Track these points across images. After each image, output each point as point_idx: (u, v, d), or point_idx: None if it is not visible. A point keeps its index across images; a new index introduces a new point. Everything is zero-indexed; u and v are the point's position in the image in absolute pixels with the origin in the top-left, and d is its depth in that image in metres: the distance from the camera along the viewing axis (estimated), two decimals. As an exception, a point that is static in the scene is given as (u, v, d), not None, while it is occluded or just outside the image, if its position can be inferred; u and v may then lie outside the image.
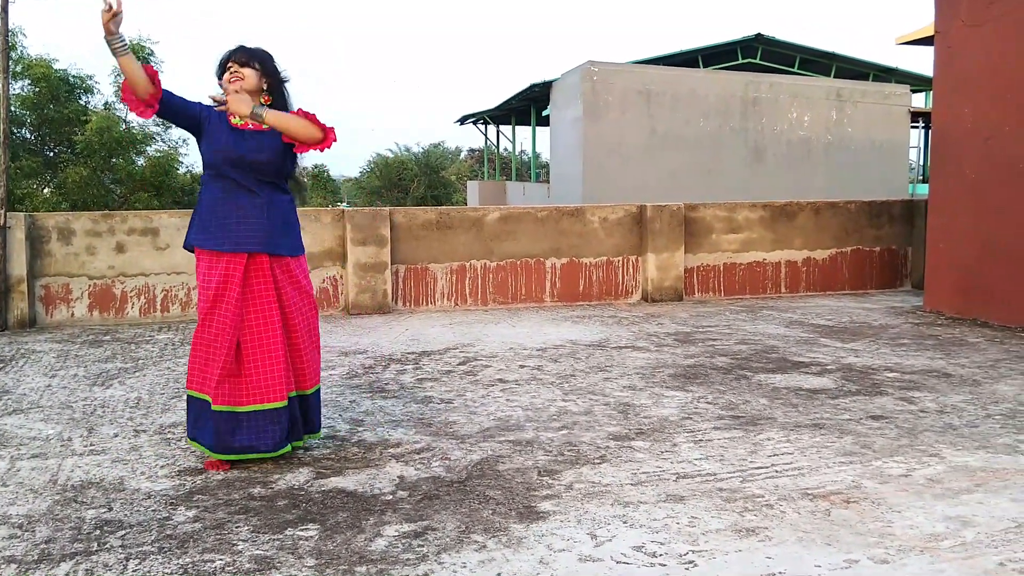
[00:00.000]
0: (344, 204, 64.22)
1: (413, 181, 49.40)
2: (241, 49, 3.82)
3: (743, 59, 23.22)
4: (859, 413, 4.56)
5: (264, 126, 3.75)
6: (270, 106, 3.80)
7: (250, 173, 3.74)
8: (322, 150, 3.84)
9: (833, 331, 7.09)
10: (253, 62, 3.79)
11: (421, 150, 52.53)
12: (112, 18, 3.53)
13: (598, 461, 3.80)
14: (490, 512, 3.21)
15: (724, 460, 3.80)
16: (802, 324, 7.44)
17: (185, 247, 3.85)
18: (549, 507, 3.26)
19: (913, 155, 23.36)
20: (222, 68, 3.82)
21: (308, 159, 3.98)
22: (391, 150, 52.29)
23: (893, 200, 10.15)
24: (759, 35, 22.45)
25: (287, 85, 3.92)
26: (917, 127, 24.42)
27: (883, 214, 9.77)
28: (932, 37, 8.05)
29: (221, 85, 3.82)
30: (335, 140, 3.83)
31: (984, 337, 6.72)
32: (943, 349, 6.27)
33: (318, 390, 3.99)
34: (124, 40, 3.62)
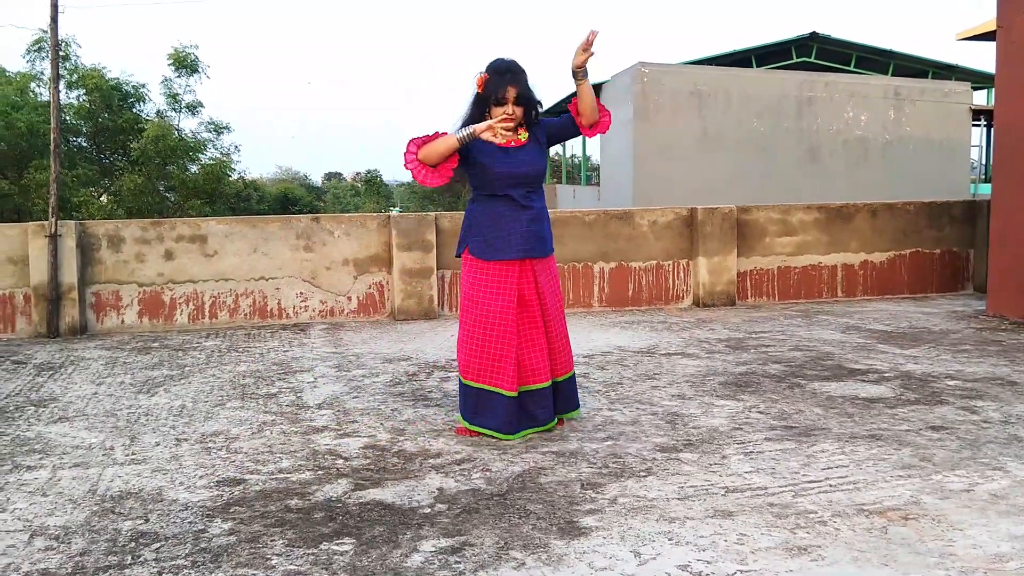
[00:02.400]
0: (397, 208, 64.67)
1: (464, 185, 49.63)
2: (517, 81, 4.01)
3: (797, 58, 22.81)
4: (918, 423, 4.37)
5: (520, 140, 4.11)
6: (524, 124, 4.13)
7: (524, 187, 4.12)
8: (597, 133, 4.23)
9: (891, 337, 6.86)
10: (523, 99, 4.03)
11: (473, 154, 52.77)
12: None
13: (644, 474, 3.67)
14: (530, 527, 3.11)
15: (775, 473, 3.66)
16: (859, 329, 7.22)
17: (459, 255, 4.28)
18: (592, 522, 3.15)
19: (975, 154, 22.74)
20: (496, 96, 3.99)
21: (363, 164, 4.14)
22: None
23: (954, 201, 9.83)
24: (814, 33, 22.03)
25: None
26: (979, 125, 23.76)
27: (943, 215, 9.46)
28: (994, 32, 7.76)
29: (488, 114, 4.03)
30: (610, 124, 4.23)
31: (1052, 343, 6.44)
32: (1007, 356, 6.01)
33: (571, 376, 4.38)
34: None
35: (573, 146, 35.29)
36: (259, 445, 4.17)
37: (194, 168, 22.91)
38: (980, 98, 23.61)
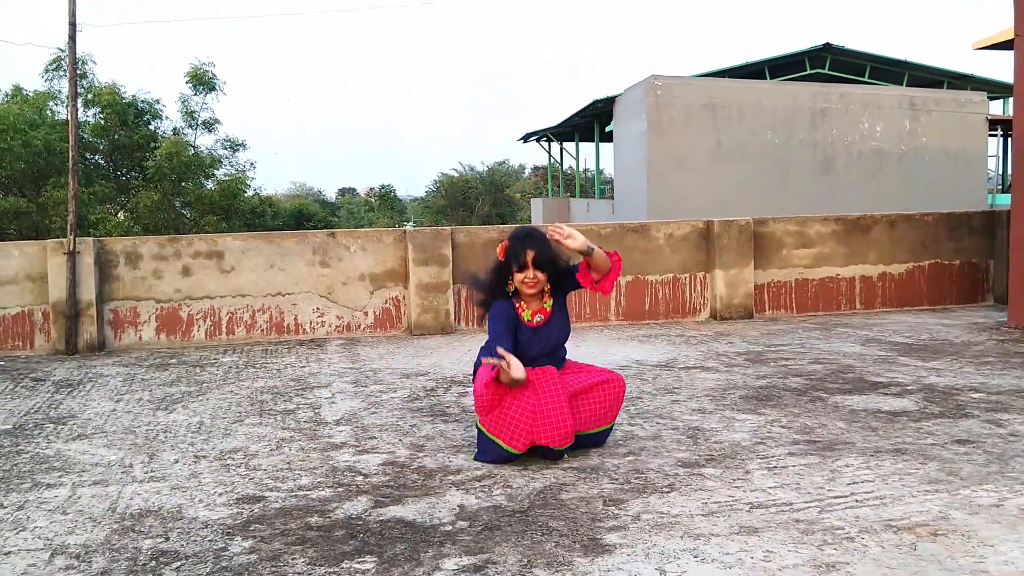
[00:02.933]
0: (410, 223, 64.83)
1: (478, 200, 49.64)
2: (536, 245, 4.10)
3: (811, 69, 22.78)
4: (944, 437, 4.31)
5: (546, 310, 4.25)
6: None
7: (553, 354, 4.28)
8: (600, 291, 4.30)
9: (912, 349, 6.79)
10: (545, 262, 4.11)
11: (486, 168, 52.81)
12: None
13: (667, 490, 3.63)
14: (553, 544, 3.07)
15: (800, 488, 3.61)
16: (879, 342, 7.15)
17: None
18: (615, 539, 3.11)
19: (992, 164, 22.60)
20: (517, 262, 4.09)
21: (377, 180, 4.14)
22: (455, 169, 52.71)
23: (972, 212, 9.76)
24: (827, 44, 21.99)
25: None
26: (995, 135, 23.63)
27: (962, 226, 9.39)
28: (1012, 41, 7.71)
29: (512, 283, 4.17)
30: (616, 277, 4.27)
31: (1076, 354, 6.36)
32: (1032, 367, 5.94)
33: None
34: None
35: (586, 159, 35.36)
36: (278, 462, 4.15)
37: (210, 185, 23.05)
38: (996, 108, 23.50)
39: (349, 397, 5.50)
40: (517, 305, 4.21)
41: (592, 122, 25.23)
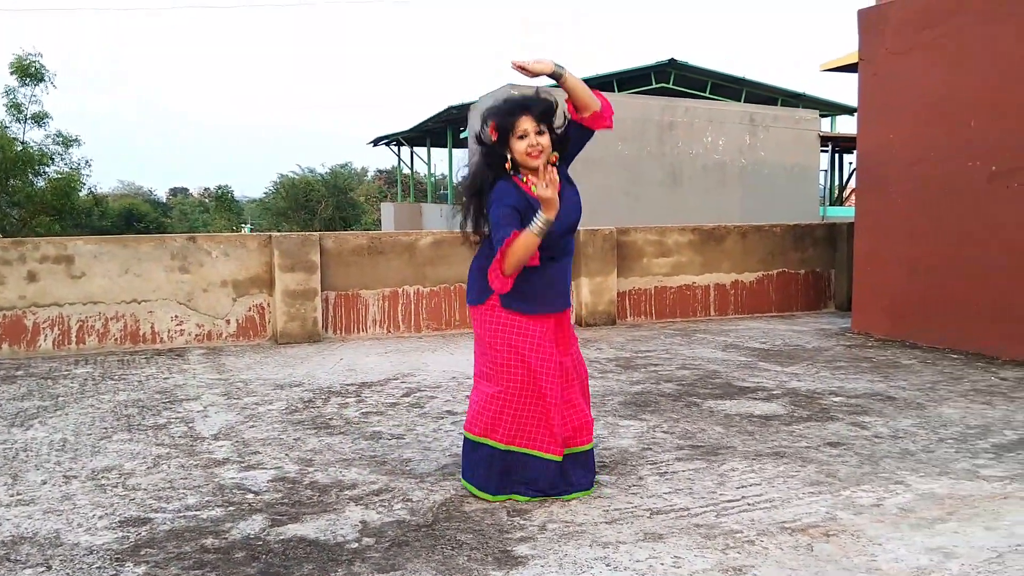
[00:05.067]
0: (248, 226, 62.84)
1: (321, 202, 48.60)
2: (539, 107, 3.48)
3: (656, 83, 23.58)
4: (816, 440, 4.54)
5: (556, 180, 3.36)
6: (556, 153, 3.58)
7: (559, 239, 3.57)
8: (604, 125, 3.65)
9: (770, 354, 7.13)
10: (545, 124, 3.51)
11: (327, 171, 51.72)
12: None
13: (568, 498, 3.66)
14: (465, 558, 3.05)
15: (694, 493, 3.72)
16: (738, 348, 7.47)
17: (477, 302, 3.71)
18: (526, 551, 3.11)
19: (821, 178, 24.05)
20: (511, 124, 3.47)
21: (211, 180, 3.84)
22: (294, 172, 51.27)
23: (816, 224, 10.36)
24: (672, 60, 22.84)
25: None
26: (826, 151, 25.17)
27: (807, 237, 9.95)
28: (856, 64, 8.24)
29: (511, 155, 3.51)
30: (611, 111, 3.65)
31: (917, 359, 6.84)
32: (880, 372, 6.35)
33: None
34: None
35: (437, 165, 35.24)
36: (158, 480, 3.93)
37: (41, 183, 21.58)
38: (825, 125, 25.01)
39: (223, 410, 5.27)
40: (522, 184, 3.55)
41: (446, 128, 25.24)
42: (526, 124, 3.47)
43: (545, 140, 3.51)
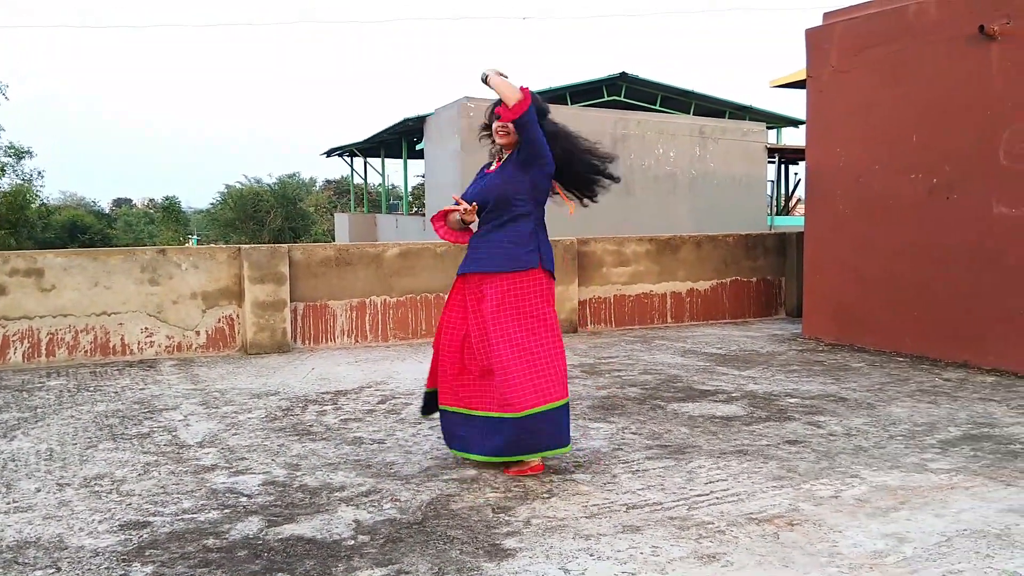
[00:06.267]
0: (195, 237, 62.17)
1: (269, 213, 48.28)
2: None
3: (608, 96, 24.01)
4: (775, 439, 4.82)
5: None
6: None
7: (485, 202, 4.28)
8: (519, 111, 4.15)
9: (726, 359, 7.43)
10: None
11: (275, 181, 51.38)
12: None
13: (547, 496, 3.88)
14: (458, 552, 3.24)
15: (665, 489, 3.96)
16: (696, 353, 7.76)
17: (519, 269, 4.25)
18: (514, 544, 3.32)
19: (768, 189, 24.64)
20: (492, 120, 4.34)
21: (160, 191, 4.16)
22: (240, 182, 50.85)
23: (767, 233, 10.73)
24: (623, 73, 23.28)
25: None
26: (773, 162, 25.81)
27: (759, 246, 10.31)
28: (804, 81, 8.61)
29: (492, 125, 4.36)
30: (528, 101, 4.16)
31: (865, 362, 7.19)
32: (831, 375, 6.68)
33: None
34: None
35: (391, 176, 35.32)
36: (151, 486, 4.07)
37: (-8, 195, 21.25)
38: (771, 137, 25.64)
39: (203, 419, 5.40)
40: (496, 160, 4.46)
41: (400, 139, 25.38)
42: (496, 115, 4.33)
43: (512, 129, 4.26)
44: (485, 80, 4.23)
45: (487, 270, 4.21)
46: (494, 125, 4.33)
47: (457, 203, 4.31)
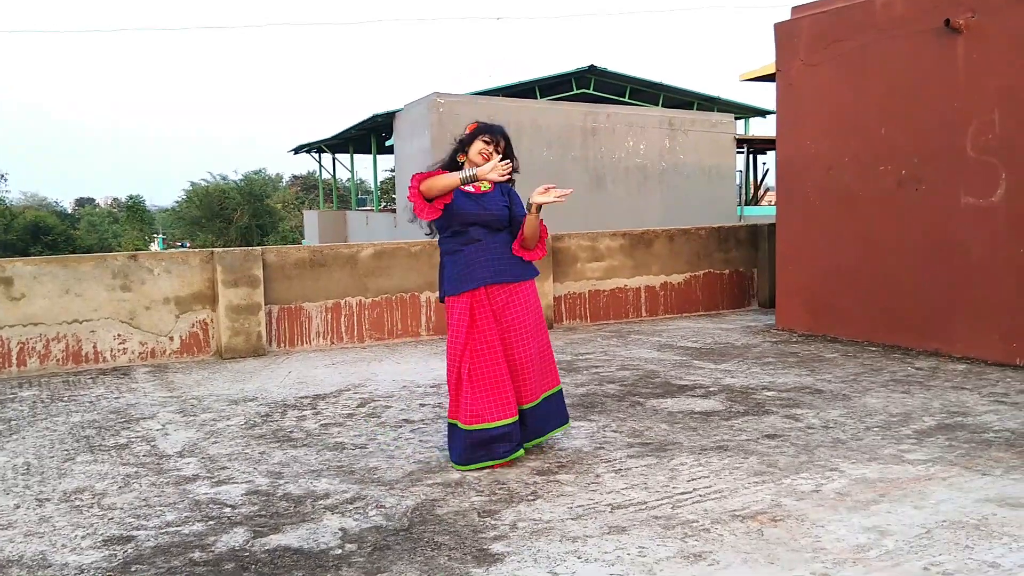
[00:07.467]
0: (160, 237, 61.53)
1: (236, 210, 47.84)
2: (498, 131, 4.50)
3: (577, 89, 24.04)
4: (754, 433, 4.87)
5: (483, 188, 4.51)
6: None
7: (486, 227, 4.46)
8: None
9: (702, 353, 7.48)
10: (510, 155, 4.48)
11: (241, 178, 50.90)
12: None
13: (532, 498, 3.90)
14: (446, 558, 3.25)
15: (649, 488, 3.99)
16: (672, 347, 7.81)
17: (441, 299, 4.55)
18: (501, 548, 3.33)
19: (738, 179, 24.81)
20: (490, 133, 4.46)
21: (124, 190, 4.18)
22: (205, 180, 50.28)
23: (739, 226, 10.80)
24: (592, 66, 23.32)
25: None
26: (741, 152, 25.99)
27: (731, 239, 10.39)
28: (774, 75, 8.67)
29: (464, 155, 4.50)
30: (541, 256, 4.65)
31: (839, 353, 7.28)
32: (806, 366, 6.75)
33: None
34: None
35: (359, 172, 35.11)
36: (133, 499, 4.04)
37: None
38: (739, 127, 25.82)
39: (182, 427, 5.36)
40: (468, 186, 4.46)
41: (370, 135, 25.27)
42: (499, 138, 4.49)
43: (497, 157, 4.43)
44: (530, 208, 4.40)
45: (507, 280, 4.47)
46: (499, 162, 4.31)
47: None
